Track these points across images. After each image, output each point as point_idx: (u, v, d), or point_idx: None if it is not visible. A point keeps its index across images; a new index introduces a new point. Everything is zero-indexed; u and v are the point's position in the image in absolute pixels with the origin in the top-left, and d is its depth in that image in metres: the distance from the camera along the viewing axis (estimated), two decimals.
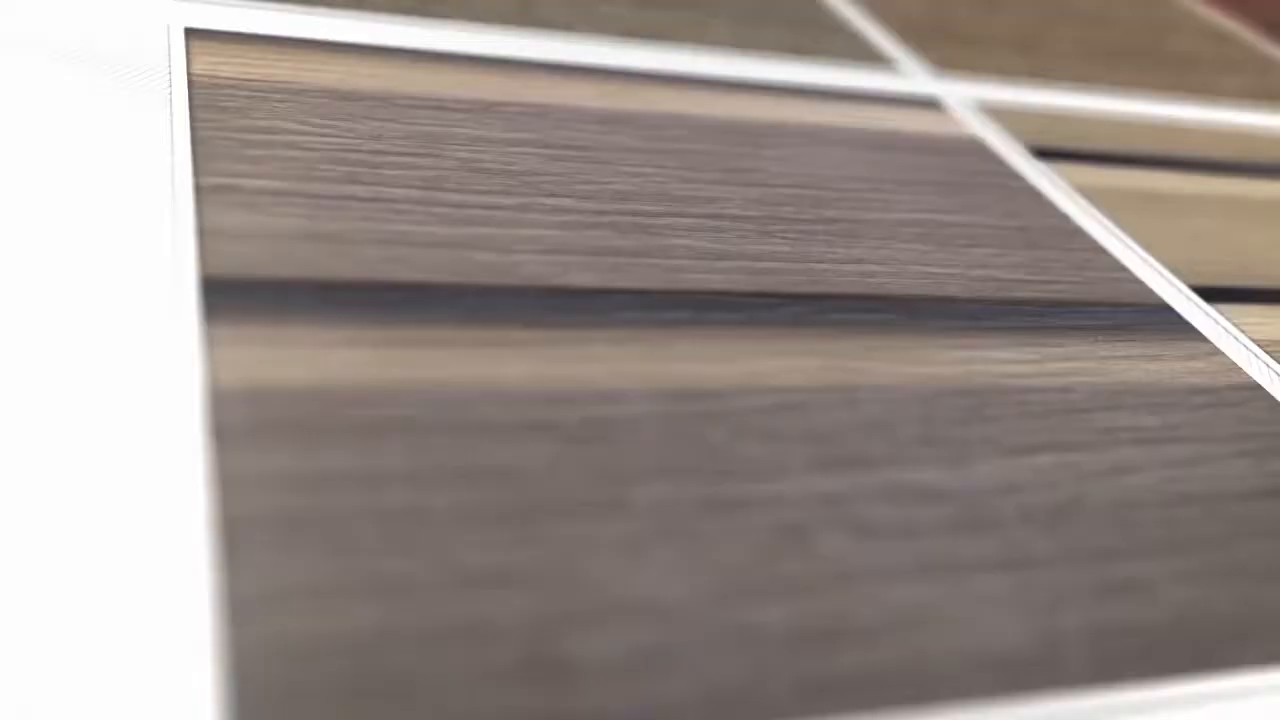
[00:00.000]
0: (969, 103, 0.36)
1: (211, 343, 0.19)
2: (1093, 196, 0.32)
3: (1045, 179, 0.32)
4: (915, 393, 0.22)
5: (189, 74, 0.26)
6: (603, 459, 0.19)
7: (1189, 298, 0.28)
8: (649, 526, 0.18)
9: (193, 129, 0.24)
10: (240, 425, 0.17)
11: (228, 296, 0.20)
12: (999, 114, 0.36)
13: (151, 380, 0.18)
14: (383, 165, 0.25)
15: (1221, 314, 0.28)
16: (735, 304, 0.23)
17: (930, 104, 0.35)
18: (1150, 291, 0.28)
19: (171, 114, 0.24)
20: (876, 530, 0.19)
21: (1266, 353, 0.27)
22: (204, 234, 0.21)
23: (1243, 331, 0.27)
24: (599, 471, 0.18)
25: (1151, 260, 0.29)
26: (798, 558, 0.18)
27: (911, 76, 0.37)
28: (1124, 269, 0.29)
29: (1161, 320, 0.27)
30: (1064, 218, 0.30)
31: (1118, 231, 0.30)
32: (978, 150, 0.33)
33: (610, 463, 0.19)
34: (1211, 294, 0.29)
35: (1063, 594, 0.18)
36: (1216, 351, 0.26)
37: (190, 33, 0.28)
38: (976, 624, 0.17)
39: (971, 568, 0.18)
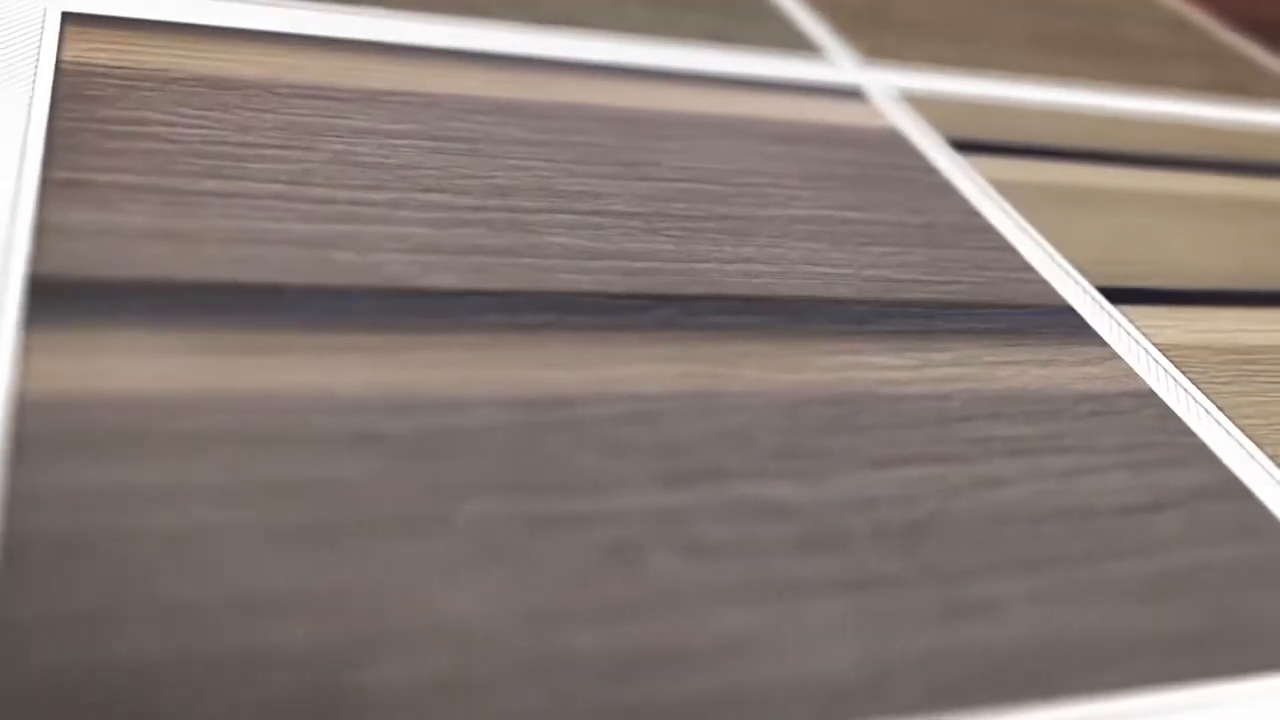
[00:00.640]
0: (893, 93, 0.35)
1: (28, 349, 0.18)
2: (1009, 192, 0.31)
3: (962, 173, 0.32)
4: (782, 401, 0.21)
5: (58, 61, 0.25)
6: (432, 473, 0.18)
7: (1094, 299, 0.27)
8: (470, 545, 0.17)
9: (52, 120, 0.23)
10: (44, 438, 0.17)
11: (55, 298, 0.19)
12: (924, 104, 0.35)
13: None
14: (249, 159, 0.24)
15: (1126, 317, 0.27)
16: (604, 306, 0.23)
17: (853, 94, 0.34)
18: (1053, 292, 0.27)
19: (31, 104, 0.24)
20: (712, 549, 0.18)
21: (1167, 358, 0.26)
22: (42, 231, 0.20)
23: (1145, 336, 0.27)
24: (426, 486, 0.18)
25: (1060, 259, 0.29)
26: (623, 579, 0.17)
27: (837, 65, 0.36)
28: (1029, 268, 0.28)
29: (1061, 323, 0.26)
30: (974, 214, 0.30)
31: (1029, 229, 0.30)
32: (894, 143, 0.32)
33: (440, 477, 0.18)
34: (1119, 295, 0.28)
35: (904, 617, 0.18)
36: (1114, 356, 0.26)
37: (67, 17, 0.27)
38: (804, 650, 0.17)
39: (809, 590, 0.18)
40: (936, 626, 0.18)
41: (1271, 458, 0.24)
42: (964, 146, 0.33)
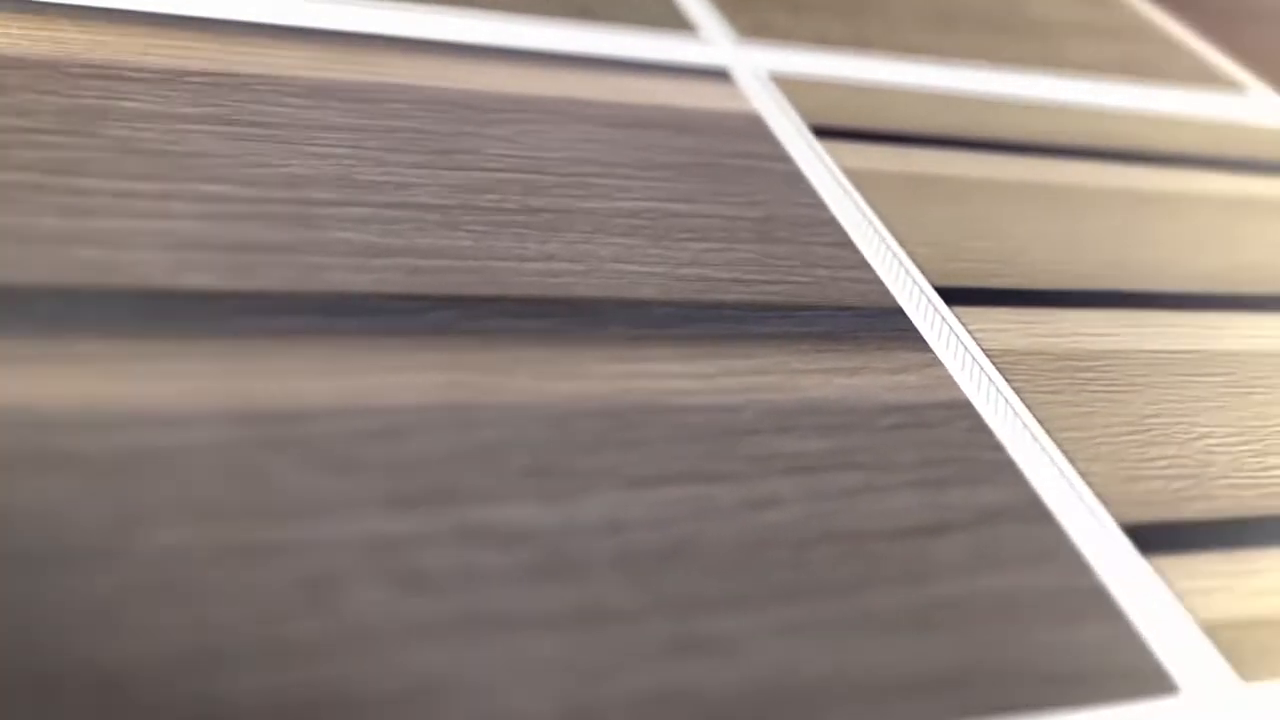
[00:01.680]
0: (763, 74, 0.34)
1: None
2: (866, 181, 0.30)
3: (818, 161, 0.30)
4: (550, 413, 0.20)
5: None
6: (125, 496, 0.17)
7: (929, 300, 0.26)
8: (149, 578, 0.16)
9: None
10: None
11: None
12: (794, 87, 0.34)
13: None
14: (18, 145, 0.23)
15: (960, 319, 0.26)
16: (375, 308, 0.21)
17: (719, 75, 0.33)
18: (884, 292, 0.26)
19: None
20: (425, 581, 0.17)
21: (994, 364, 0.25)
22: None
23: (976, 340, 0.26)
24: (114, 512, 0.17)
25: (902, 255, 0.28)
26: (314, 615, 0.16)
27: (710, 44, 0.35)
28: (865, 266, 0.27)
29: (886, 326, 0.25)
30: (820, 206, 0.28)
31: (876, 222, 0.29)
32: (751, 129, 0.31)
33: (132, 501, 0.17)
34: (958, 295, 0.27)
35: (624, 654, 0.17)
36: (935, 363, 0.25)
37: None
38: (500, 693, 0.16)
39: (524, 625, 0.17)
40: (657, 665, 0.17)
41: (1082, 474, 0.23)
42: (827, 133, 0.32)
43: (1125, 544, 0.21)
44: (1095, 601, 0.20)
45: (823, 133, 0.32)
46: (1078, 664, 0.19)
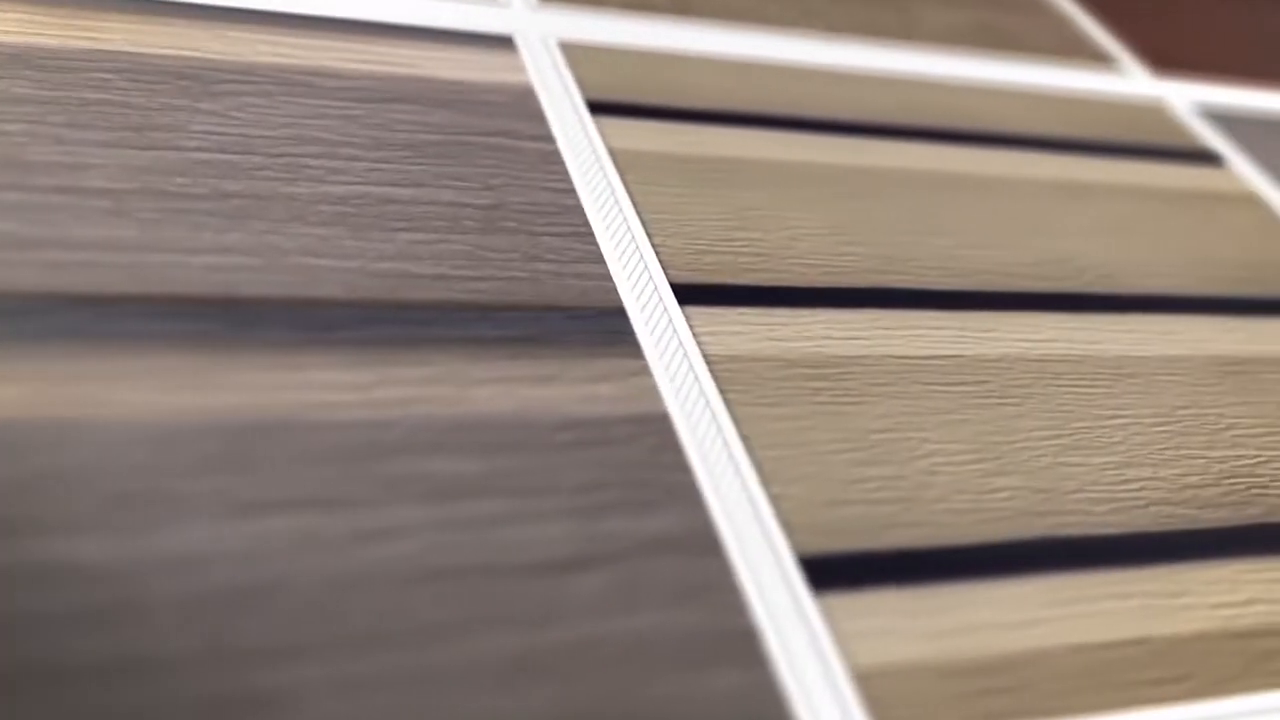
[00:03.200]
0: (551, 42, 0.32)
1: None
2: (633, 163, 0.28)
3: (585, 141, 0.28)
4: (158, 432, 0.19)
5: None
6: None
7: (661, 299, 0.25)
8: None
9: None
10: None
11: None
12: (583, 56, 0.32)
13: None
14: None
15: (689, 321, 0.24)
16: None
17: (503, 42, 0.31)
18: (607, 291, 0.24)
19: None
20: None
21: (713, 372, 0.23)
22: None
23: (700, 345, 0.24)
24: None
25: (646, 248, 0.26)
26: None
27: (498, 6, 0.33)
28: (598, 260, 0.25)
29: (599, 329, 0.23)
30: (568, 192, 0.27)
31: (629, 210, 0.27)
32: (518, 104, 0.29)
33: None
34: (699, 293, 0.25)
35: (159, 711, 0.15)
36: (643, 372, 0.23)
37: None
38: None
39: (64, 676, 0.15)
40: None
41: (774, 499, 0.21)
42: (605, 108, 0.30)
43: (797, 579, 0.20)
44: (741, 645, 0.19)
45: (602, 108, 0.30)
46: (698, 717, 0.18)
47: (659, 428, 0.22)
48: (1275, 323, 0.30)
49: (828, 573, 0.20)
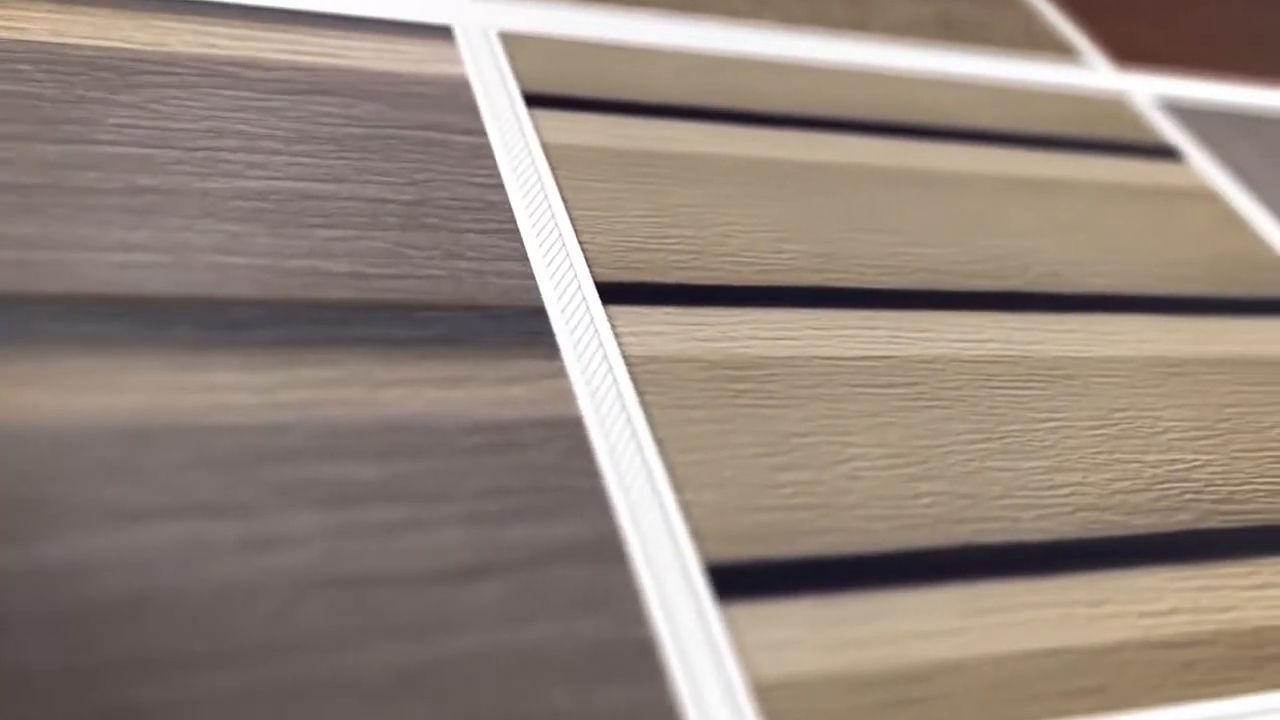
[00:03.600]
0: (491, 32, 0.31)
1: None
2: (566, 158, 0.28)
3: (519, 135, 0.28)
4: (44, 438, 0.18)
5: None
6: None
7: (584, 298, 0.24)
8: None
9: None
10: None
11: None
12: (521, 47, 0.31)
13: None
14: None
15: (611, 321, 0.24)
16: None
17: (441, 32, 0.31)
18: (531, 289, 0.24)
19: None
20: None
21: (632, 374, 0.23)
22: None
23: (621, 346, 0.23)
24: None
25: (573, 246, 0.25)
26: None
27: None
28: (521, 258, 0.25)
29: (517, 329, 0.23)
30: (495, 188, 0.26)
31: (558, 206, 0.26)
32: (453, 96, 0.28)
33: None
34: (624, 293, 0.25)
35: None
36: (559, 373, 0.22)
37: None
38: None
39: None
40: None
41: (685, 505, 0.21)
42: (543, 101, 0.29)
43: (703, 588, 0.20)
44: (637, 658, 0.18)
45: (538, 101, 0.29)
46: None
47: (571, 431, 0.21)
48: (1220, 322, 0.30)
49: (735, 581, 0.20)
